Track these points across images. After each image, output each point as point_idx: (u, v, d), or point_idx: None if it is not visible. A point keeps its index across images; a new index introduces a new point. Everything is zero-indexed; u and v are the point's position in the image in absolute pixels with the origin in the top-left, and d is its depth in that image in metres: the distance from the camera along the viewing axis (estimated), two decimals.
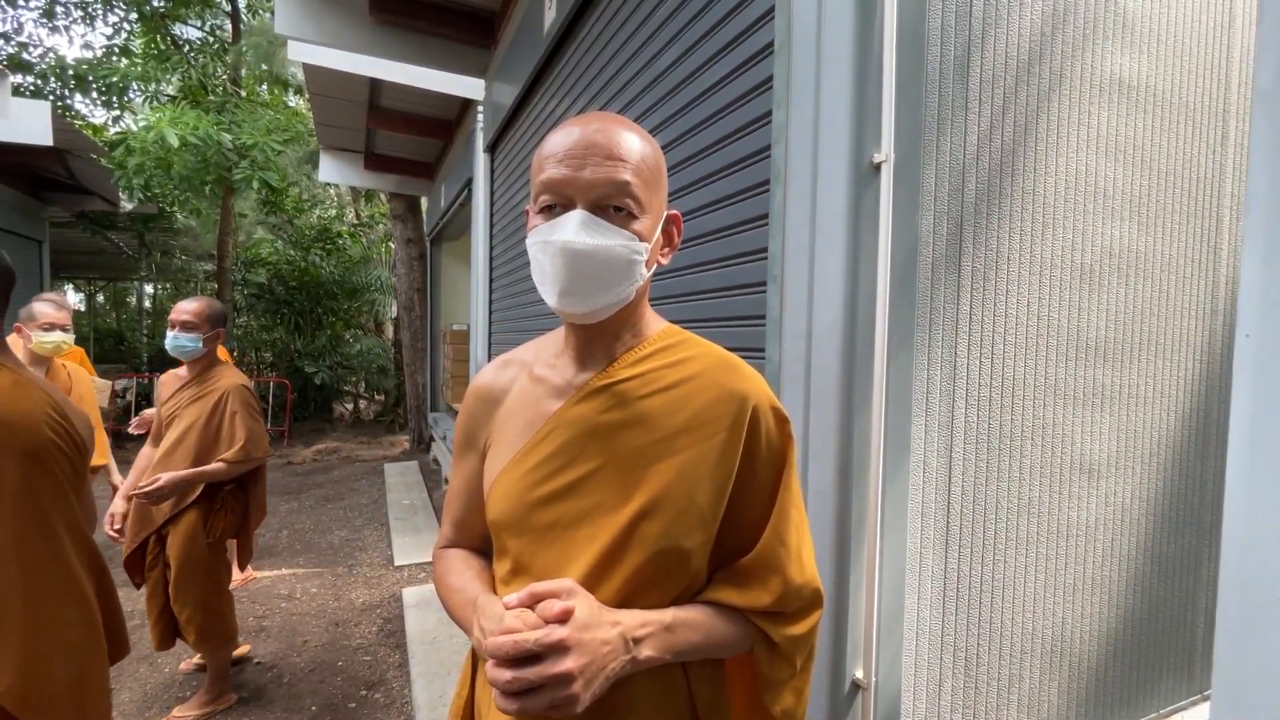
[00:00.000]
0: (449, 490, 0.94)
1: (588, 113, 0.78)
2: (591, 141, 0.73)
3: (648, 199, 0.76)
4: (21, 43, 9.76)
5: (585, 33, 2.67)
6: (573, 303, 0.74)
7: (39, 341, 2.60)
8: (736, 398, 0.78)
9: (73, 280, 15.82)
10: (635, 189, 0.74)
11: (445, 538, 0.94)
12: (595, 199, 0.73)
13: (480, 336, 4.80)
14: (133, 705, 2.58)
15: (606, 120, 0.76)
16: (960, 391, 1.42)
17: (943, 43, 1.34)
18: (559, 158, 0.73)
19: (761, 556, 0.78)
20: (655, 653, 0.71)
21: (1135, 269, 1.68)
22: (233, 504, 2.52)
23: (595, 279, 0.73)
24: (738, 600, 0.77)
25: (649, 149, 0.77)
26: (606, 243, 0.72)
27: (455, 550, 0.92)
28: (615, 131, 0.74)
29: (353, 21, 3.80)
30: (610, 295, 0.75)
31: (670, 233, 0.83)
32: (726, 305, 1.67)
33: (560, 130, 0.76)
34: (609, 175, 0.72)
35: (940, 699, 1.45)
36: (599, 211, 0.73)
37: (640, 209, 0.75)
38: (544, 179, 0.74)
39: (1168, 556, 1.82)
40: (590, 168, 0.72)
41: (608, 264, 0.73)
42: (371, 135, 6.64)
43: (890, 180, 1.26)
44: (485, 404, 0.88)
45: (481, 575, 0.85)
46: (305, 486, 6.30)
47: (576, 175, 0.72)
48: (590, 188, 0.72)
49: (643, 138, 0.77)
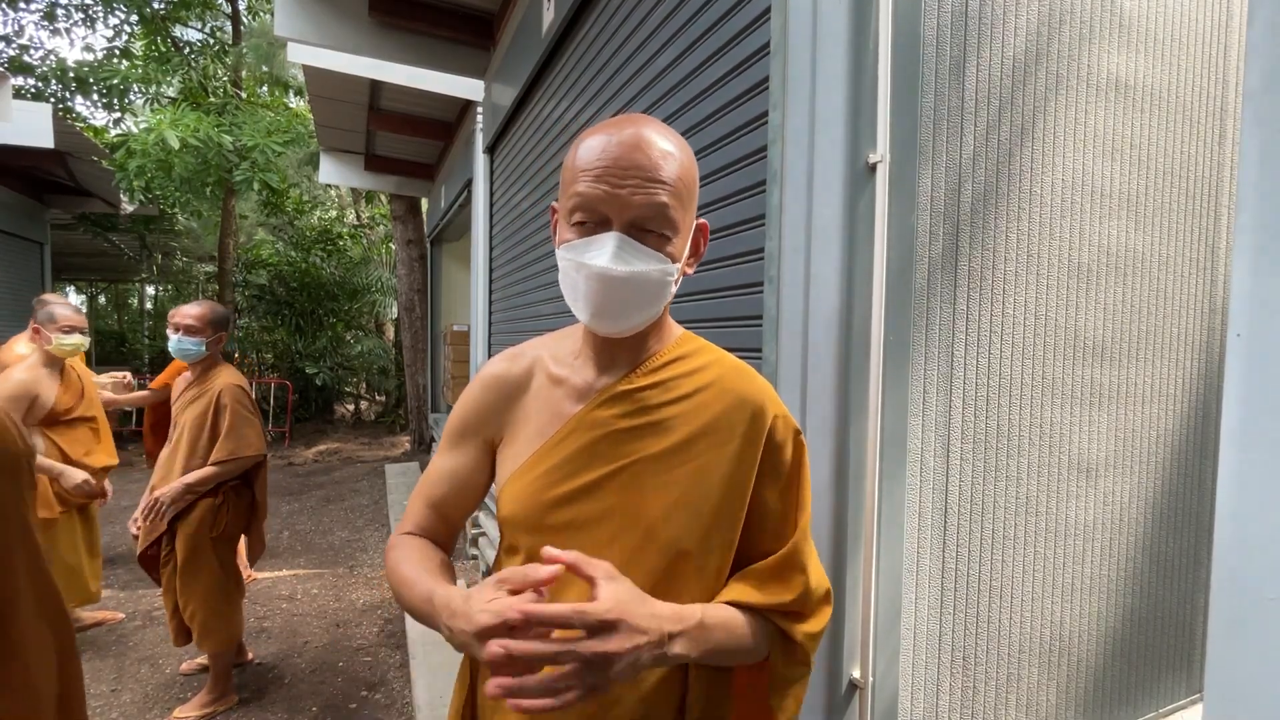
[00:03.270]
0: (428, 474, 0.90)
1: (622, 115, 0.75)
2: (632, 160, 0.69)
3: (682, 219, 0.74)
4: (23, 45, 9.78)
5: (583, 34, 2.67)
6: (605, 325, 0.74)
7: (59, 343, 2.63)
8: (752, 406, 0.79)
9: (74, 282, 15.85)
10: (672, 212, 0.72)
11: (411, 521, 0.87)
12: (631, 220, 0.71)
13: (480, 337, 4.81)
14: (134, 706, 2.58)
15: (643, 128, 0.72)
16: (957, 391, 1.42)
17: (939, 43, 1.34)
18: (596, 173, 0.70)
19: (786, 558, 0.79)
20: (685, 650, 0.68)
21: (1133, 268, 1.68)
22: (236, 500, 2.55)
23: (628, 303, 0.73)
24: (759, 598, 0.77)
25: (686, 162, 0.74)
26: (643, 269, 0.71)
27: (413, 538, 0.85)
28: (655, 146, 0.71)
29: (352, 23, 3.81)
30: (642, 316, 0.75)
31: (697, 242, 0.82)
32: (723, 306, 1.68)
33: (597, 137, 0.72)
34: (649, 199, 0.70)
35: (938, 699, 1.45)
36: (634, 232, 0.71)
37: (675, 230, 0.73)
38: (579, 193, 0.71)
39: (1166, 556, 1.82)
40: (629, 188, 0.69)
41: (641, 289, 0.72)
42: (372, 136, 6.64)
43: (886, 180, 1.27)
44: (498, 395, 0.86)
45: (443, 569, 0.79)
46: (306, 487, 6.31)
47: (614, 194, 0.69)
48: (629, 209, 0.70)
49: (679, 148, 0.74)
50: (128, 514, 5.06)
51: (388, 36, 3.93)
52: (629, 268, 0.70)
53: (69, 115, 9.74)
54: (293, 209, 11.16)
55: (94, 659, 2.95)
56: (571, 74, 2.81)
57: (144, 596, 3.63)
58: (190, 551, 2.39)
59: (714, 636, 0.72)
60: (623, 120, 0.74)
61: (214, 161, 7.09)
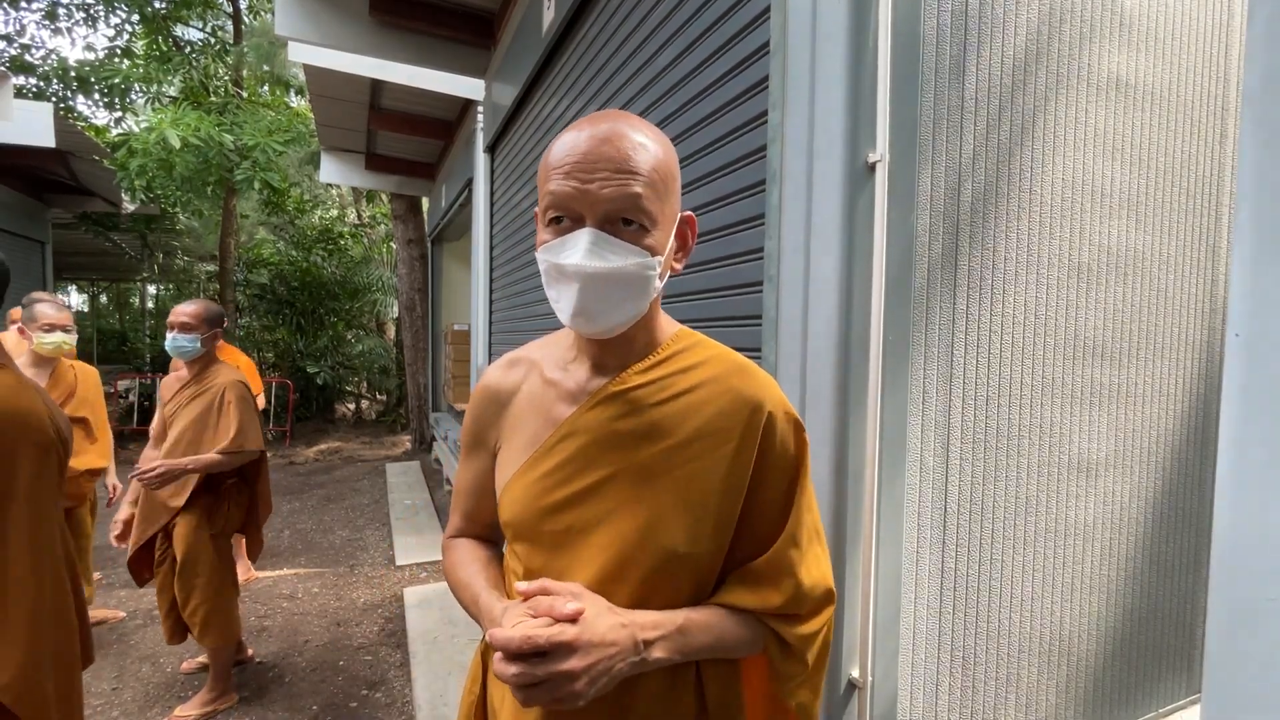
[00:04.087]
0: (457, 485, 0.94)
1: (597, 112, 0.74)
2: (600, 153, 0.68)
3: (659, 210, 0.72)
4: (24, 44, 9.79)
5: (584, 33, 2.67)
6: (585, 323, 0.73)
7: (40, 342, 2.61)
8: (749, 404, 0.77)
9: (76, 281, 15.88)
10: (646, 202, 0.70)
11: (454, 527, 0.95)
12: (604, 214, 0.69)
13: (481, 336, 4.81)
14: (135, 705, 2.59)
15: (616, 122, 0.71)
16: (957, 390, 1.42)
17: (938, 42, 1.34)
18: (566, 169, 0.69)
19: (774, 560, 0.78)
20: (665, 654, 0.71)
21: (1133, 268, 1.68)
22: (236, 497, 2.57)
23: (607, 300, 0.71)
24: (750, 601, 0.77)
25: (661, 152, 0.73)
26: (619, 263, 0.69)
27: (463, 540, 0.93)
28: (626, 138, 0.70)
29: (353, 22, 3.81)
30: (623, 314, 0.73)
31: (684, 235, 0.80)
32: (722, 305, 1.67)
33: (568, 134, 0.72)
34: (619, 190, 0.68)
35: (937, 698, 1.45)
36: (608, 227, 0.70)
37: (652, 222, 0.71)
38: (551, 191, 0.70)
39: (1166, 556, 1.82)
40: (599, 181, 0.68)
41: (620, 284, 0.70)
42: (372, 136, 6.65)
43: (885, 180, 1.27)
44: (493, 404, 0.88)
45: (489, 567, 0.86)
46: (307, 486, 6.31)
47: (584, 190, 0.68)
48: (599, 203, 0.68)
49: (655, 139, 0.73)
50: None
51: (388, 36, 3.93)
52: (605, 264, 0.69)
53: (70, 115, 9.75)
54: (294, 208, 11.16)
55: (95, 657, 2.96)
56: (572, 73, 2.81)
57: (145, 595, 3.63)
58: (189, 548, 2.40)
59: (696, 638, 0.74)
60: (596, 116, 0.73)
61: (215, 161, 7.08)
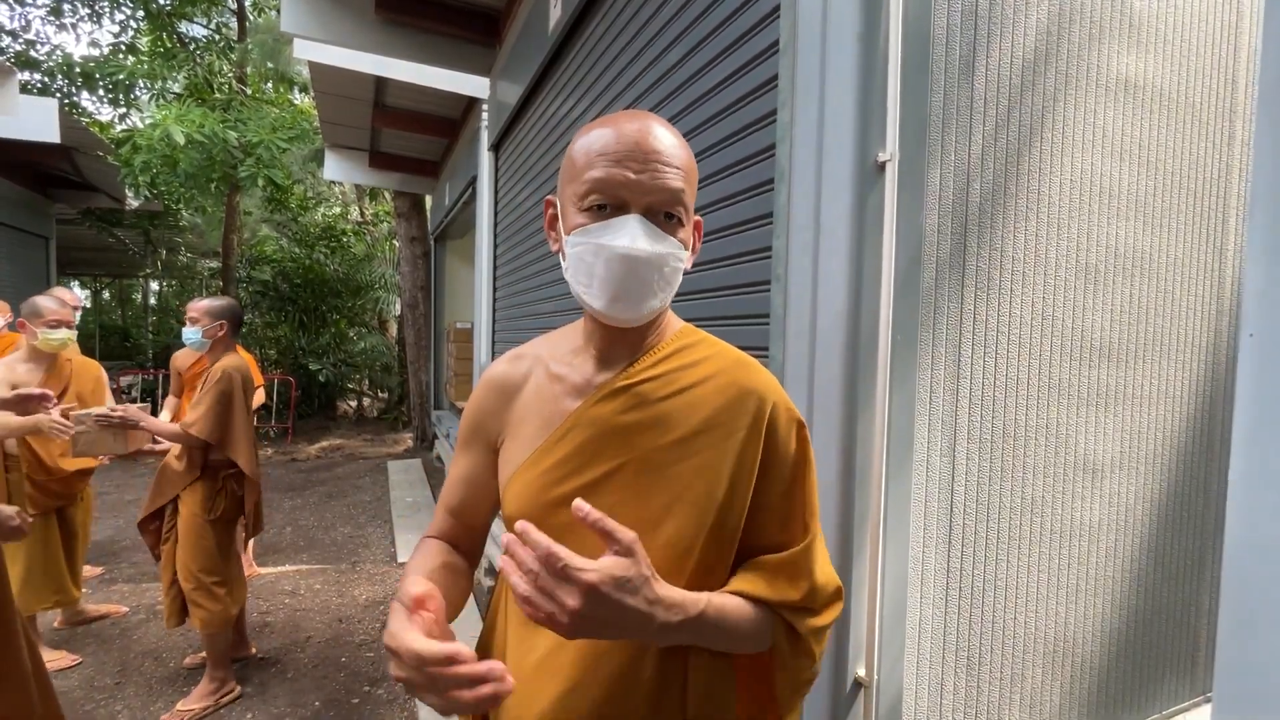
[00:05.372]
0: (449, 477, 0.94)
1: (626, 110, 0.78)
2: (651, 147, 0.72)
3: (689, 207, 0.76)
4: (29, 40, 9.80)
5: (590, 31, 2.67)
6: (623, 309, 0.74)
7: (45, 338, 2.60)
8: (753, 397, 0.79)
9: (79, 277, 15.88)
10: (686, 197, 0.74)
11: (435, 525, 0.93)
12: (649, 205, 0.72)
13: (484, 335, 4.81)
14: (137, 699, 2.60)
15: (653, 121, 0.75)
16: (964, 391, 1.42)
17: (948, 42, 1.34)
18: (615, 157, 0.72)
19: (792, 558, 0.78)
20: (680, 640, 0.71)
21: (1141, 269, 1.68)
22: (234, 487, 2.63)
23: (646, 286, 0.73)
24: (767, 593, 0.77)
25: (689, 154, 0.77)
26: (663, 251, 0.72)
27: (433, 541, 0.90)
28: (670, 136, 0.74)
29: (358, 20, 3.82)
30: (655, 302, 0.75)
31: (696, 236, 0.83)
32: (730, 304, 1.68)
33: (607, 127, 0.74)
34: (667, 182, 0.72)
35: (942, 698, 1.45)
36: (651, 217, 0.73)
37: (687, 217, 0.76)
38: (596, 177, 0.72)
39: (1171, 557, 1.82)
40: (649, 173, 0.71)
41: (658, 272, 0.73)
42: (376, 133, 6.65)
43: (895, 179, 1.26)
44: (498, 396, 0.88)
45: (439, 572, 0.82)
46: (309, 483, 6.32)
47: (636, 179, 0.71)
48: (648, 193, 0.72)
49: (684, 142, 0.77)
50: (133, 508, 5.08)
51: (393, 33, 3.94)
52: (652, 248, 0.72)
53: (75, 110, 9.77)
54: (297, 205, 11.18)
55: (98, 652, 2.96)
56: (578, 72, 2.81)
57: (147, 590, 3.64)
58: (188, 529, 2.50)
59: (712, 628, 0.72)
60: (629, 114, 0.76)
61: (219, 157, 7.09)
